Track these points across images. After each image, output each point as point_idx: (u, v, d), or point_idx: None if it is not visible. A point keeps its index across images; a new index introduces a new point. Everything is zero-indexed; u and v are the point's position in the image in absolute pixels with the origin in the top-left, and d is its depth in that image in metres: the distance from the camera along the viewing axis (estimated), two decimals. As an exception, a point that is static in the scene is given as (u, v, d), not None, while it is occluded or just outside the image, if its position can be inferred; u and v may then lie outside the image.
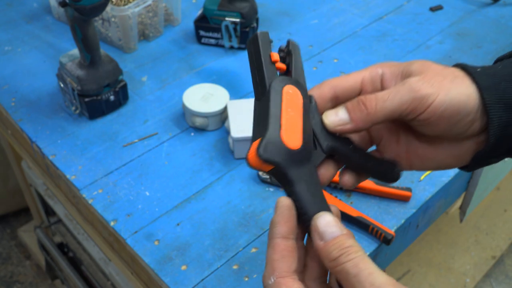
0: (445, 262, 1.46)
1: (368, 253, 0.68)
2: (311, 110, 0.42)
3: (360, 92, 0.45)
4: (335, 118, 0.41)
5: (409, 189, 0.74)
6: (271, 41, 0.43)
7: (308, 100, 0.43)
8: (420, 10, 1.15)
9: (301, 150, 0.39)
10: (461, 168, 0.46)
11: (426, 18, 1.13)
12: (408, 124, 0.44)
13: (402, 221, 0.73)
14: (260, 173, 0.77)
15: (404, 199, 0.74)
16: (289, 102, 0.40)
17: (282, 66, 0.44)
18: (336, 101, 0.44)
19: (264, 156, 0.38)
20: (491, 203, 1.60)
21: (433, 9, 1.15)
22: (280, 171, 0.39)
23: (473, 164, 0.45)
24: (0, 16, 1.11)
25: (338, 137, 0.43)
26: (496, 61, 0.46)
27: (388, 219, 0.73)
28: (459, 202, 1.22)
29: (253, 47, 0.43)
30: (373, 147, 0.48)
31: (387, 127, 0.47)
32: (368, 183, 0.75)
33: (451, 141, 0.44)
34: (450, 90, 0.40)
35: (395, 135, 0.47)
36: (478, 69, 0.42)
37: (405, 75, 0.42)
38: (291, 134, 0.39)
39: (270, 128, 0.38)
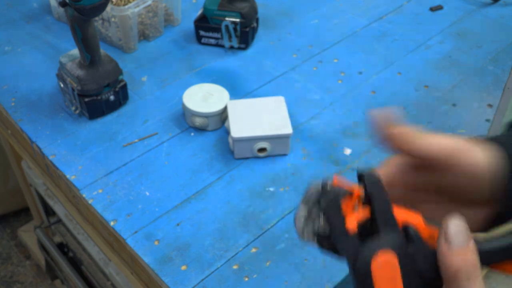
0: (445, 262, 1.45)
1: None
2: (409, 255, 0.34)
3: None
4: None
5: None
6: (340, 205, 0.34)
7: (402, 249, 0.34)
8: (420, 10, 1.15)
9: None
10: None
11: (426, 18, 1.13)
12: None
13: (402, 221, 0.73)
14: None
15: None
16: (385, 282, 0.33)
17: (363, 215, 0.35)
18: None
19: None
20: (491, 203, 1.59)
21: (433, 9, 1.15)
22: None
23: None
24: (0, 16, 1.11)
25: None
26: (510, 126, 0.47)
27: (388, 219, 0.73)
28: (459, 202, 1.22)
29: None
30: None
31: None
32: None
33: (464, 205, 0.42)
34: (477, 150, 0.40)
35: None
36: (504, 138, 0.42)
37: None
38: None
39: None
